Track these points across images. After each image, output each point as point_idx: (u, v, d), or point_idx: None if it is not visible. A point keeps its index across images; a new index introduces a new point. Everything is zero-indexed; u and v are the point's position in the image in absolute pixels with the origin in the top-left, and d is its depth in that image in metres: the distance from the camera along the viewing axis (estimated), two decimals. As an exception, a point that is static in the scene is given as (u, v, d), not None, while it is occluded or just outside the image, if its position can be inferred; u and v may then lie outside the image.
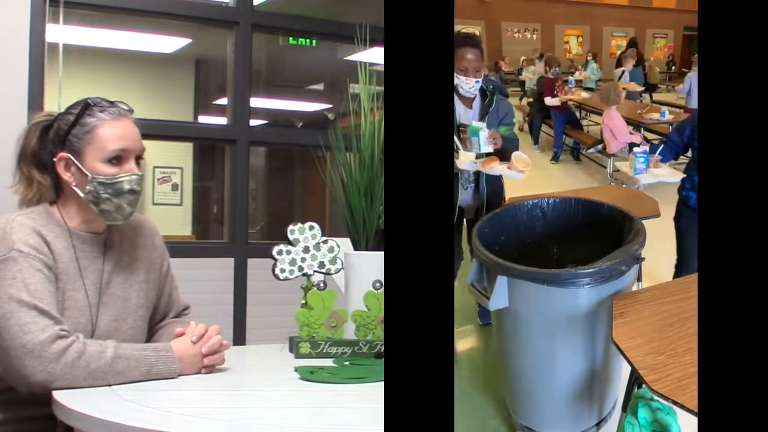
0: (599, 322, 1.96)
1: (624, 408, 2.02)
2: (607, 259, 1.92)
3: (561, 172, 6.42)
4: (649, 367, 1.52)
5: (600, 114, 6.71)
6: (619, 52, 11.79)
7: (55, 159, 1.61)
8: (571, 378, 2.07)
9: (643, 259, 2.01)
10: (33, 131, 1.66)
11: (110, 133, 1.58)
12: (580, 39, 13.31)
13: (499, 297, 1.87)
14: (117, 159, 1.58)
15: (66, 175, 1.60)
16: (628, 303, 1.84)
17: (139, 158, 1.63)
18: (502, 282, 1.85)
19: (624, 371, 2.08)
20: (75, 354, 1.41)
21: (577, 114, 7.34)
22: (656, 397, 1.60)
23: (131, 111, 1.66)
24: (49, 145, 1.63)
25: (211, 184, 6.57)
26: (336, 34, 4.20)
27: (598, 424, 2.30)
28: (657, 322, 1.67)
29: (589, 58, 10.82)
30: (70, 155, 1.59)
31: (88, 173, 1.57)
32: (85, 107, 1.60)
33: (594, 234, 2.24)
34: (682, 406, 1.36)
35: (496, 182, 2.65)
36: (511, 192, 2.88)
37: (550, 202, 2.31)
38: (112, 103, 1.63)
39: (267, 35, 4.34)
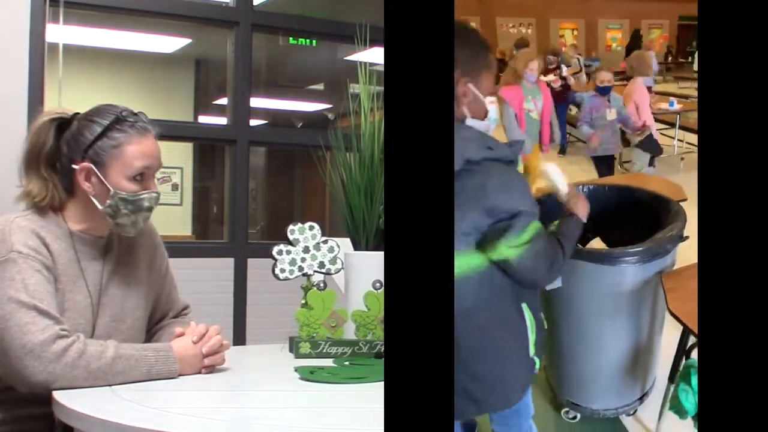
0: (645, 300, 2.10)
1: (671, 379, 2.11)
2: (654, 239, 2.05)
3: (569, 164, 6.30)
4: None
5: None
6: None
7: (76, 166, 1.57)
8: (618, 353, 2.18)
9: (687, 237, 2.11)
10: (47, 129, 1.60)
11: (137, 151, 1.58)
12: (575, 32, 13.32)
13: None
14: (141, 176, 1.59)
15: (85, 185, 1.58)
16: (678, 279, 1.99)
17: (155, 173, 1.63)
18: None
19: (669, 346, 2.19)
20: (75, 354, 1.41)
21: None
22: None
23: (153, 125, 1.64)
24: (65, 149, 1.59)
25: (211, 184, 6.57)
26: (336, 34, 4.20)
27: (641, 399, 2.36)
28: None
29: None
30: (92, 166, 1.57)
31: (111, 188, 1.56)
32: (116, 121, 1.58)
33: (629, 218, 2.29)
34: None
35: None
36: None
37: (584, 189, 2.34)
38: (136, 114, 1.61)
39: (267, 35, 4.34)
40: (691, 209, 2.91)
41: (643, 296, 2.08)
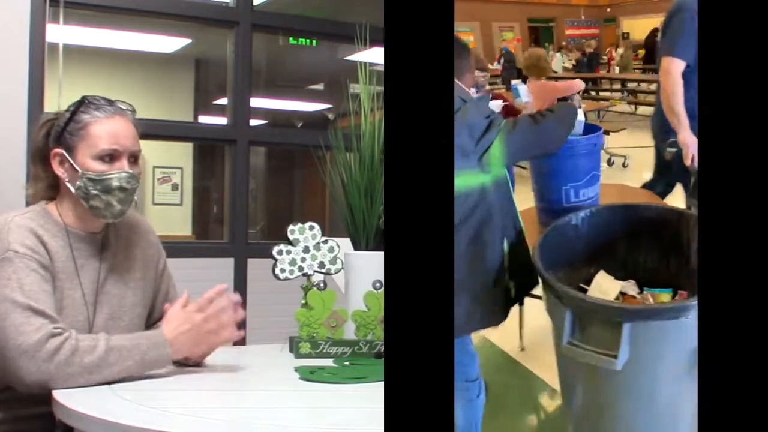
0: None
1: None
2: None
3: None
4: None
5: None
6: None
7: (50, 155, 1.62)
8: (692, 417, 1.72)
9: None
10: (40, 129, 1.67)
11: (103, 131, 1.58)
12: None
13: (626, 350, 1.52)
14: (109, 157, 1.58)
15: (59, 171, 1.61)
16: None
17: (135, 157, 1.63)
18: (627, 330, 1.51)
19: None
20: (68, 351, 1.40)
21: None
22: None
23: (133, 111, 1.66)
24: (49, 142, 1.64)
25: (211, 184, 6.57)
26: (336, 34, 4.21)
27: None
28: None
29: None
30: (63, 151, 1.60)
31: (78, 169, 1.58)
32: (80, 104, 1.61)
33: (637, 242, 1.93)
34: None
35: None
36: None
37: (582, 216, 1.93)
38: (111, 101, 1.63)
39: (267, 35, 4.35)
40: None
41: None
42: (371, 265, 1.91)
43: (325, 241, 1.95)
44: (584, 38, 16.25)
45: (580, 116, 2.01)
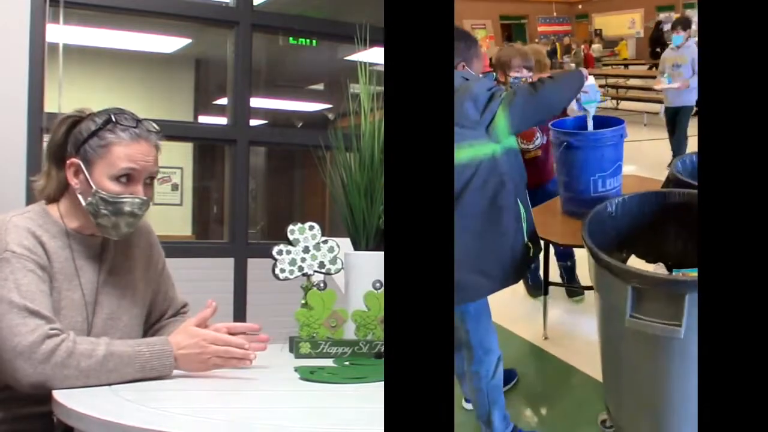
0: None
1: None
2: None
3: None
4: None
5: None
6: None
7: (67, 162, 1.59)
8: None
9: None
10: (61, 126, 1.64)
11: (123, 152, 1.56)
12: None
13: (686, 319, 1.56)
14: (126, 177, 1.57)
15: (73, 181, 1.59)
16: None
17: (151, 178, 1.61)
18: (688, 301, 1.55)
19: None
20: (64, 354, 1.40)
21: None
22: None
23: (157, 132, 1.63)
24: (69, 146, 1.61)
25: (211, 184, 6.57)
26: (336, 34, 4.21)
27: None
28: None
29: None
30: (81, 163, 1.58)
31: (93, 186, 1.56)
32: (107, 121, 1.58)
33: (664, 228, 2.02)
34: None
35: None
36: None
37: (617, 203, 2.03)
38: (137, 121, 1.61)
39: (267, 35, 4.35)
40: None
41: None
42: (371, 265, 1.91)
43: (325, 241, 1.95)
44: (556, 35, 16.23)
45: (591, 80, 2.07)
